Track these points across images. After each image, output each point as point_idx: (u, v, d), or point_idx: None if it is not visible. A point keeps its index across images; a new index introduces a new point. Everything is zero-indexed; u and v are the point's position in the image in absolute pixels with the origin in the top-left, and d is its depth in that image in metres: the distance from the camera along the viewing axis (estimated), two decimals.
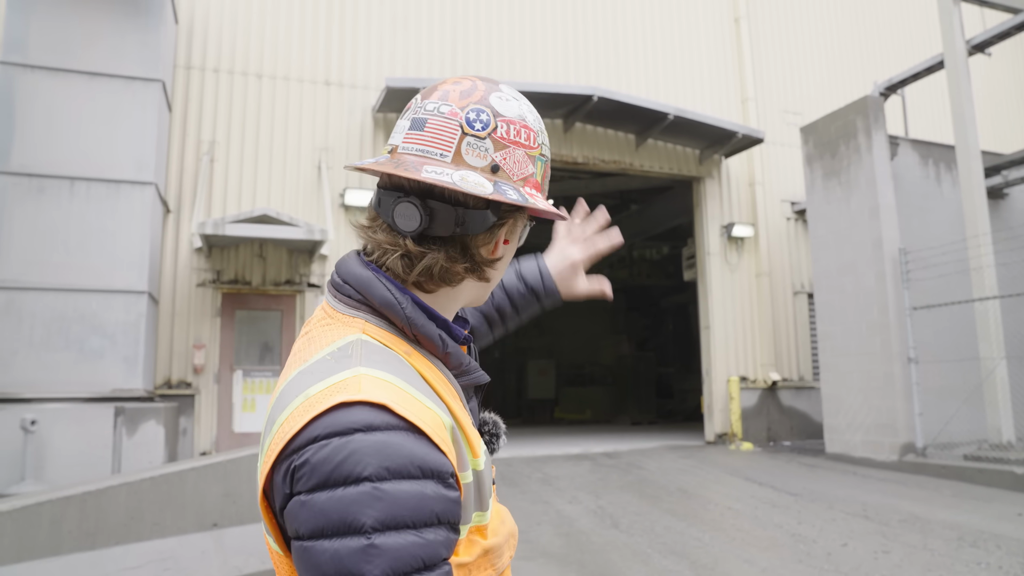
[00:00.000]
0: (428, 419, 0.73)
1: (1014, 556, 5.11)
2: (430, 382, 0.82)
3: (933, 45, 13.17)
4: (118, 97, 8.03)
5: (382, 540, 0.65)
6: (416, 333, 0.85)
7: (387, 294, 0.85)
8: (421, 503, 0.68)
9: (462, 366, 0.89)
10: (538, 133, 0.91)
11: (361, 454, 0.67)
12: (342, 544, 0.66)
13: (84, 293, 7.57)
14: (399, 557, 0.65)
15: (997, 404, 8.37)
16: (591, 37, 12.00)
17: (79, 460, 6.98)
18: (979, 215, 8.71)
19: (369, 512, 0.66)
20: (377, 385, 0.73)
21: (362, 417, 0.70)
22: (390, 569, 0.65)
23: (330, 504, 0.66)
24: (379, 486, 0.67)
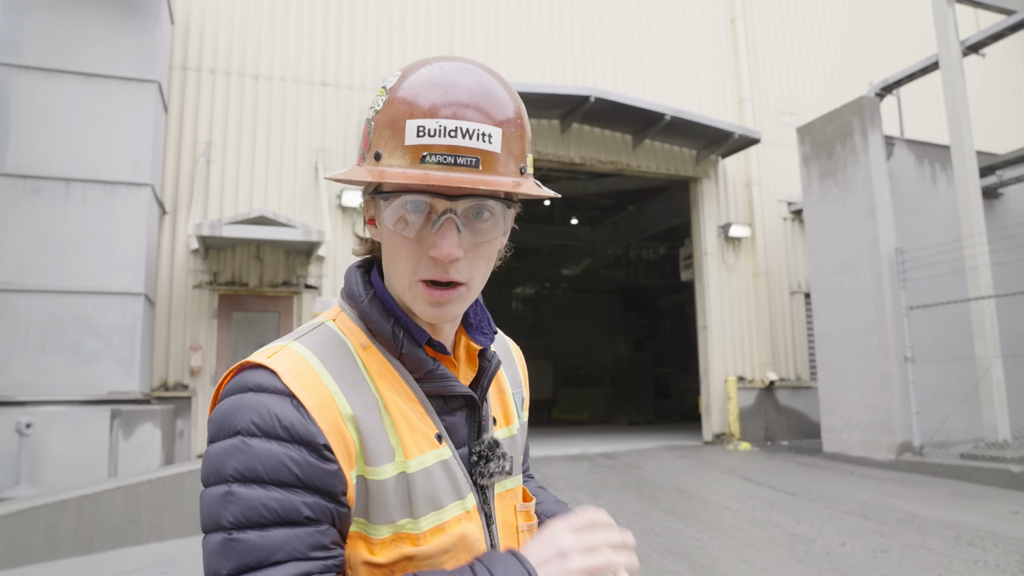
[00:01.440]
0: (318, 397, 0.79)
1: (1011, 554, 5.12)
2: (372, 375, 0.85)
3: (928, 46, 13.21)
4: (114, 98, 8.00)
5: (238, 488, 0.72)
6: (371, 326, 0.88)
7: (353, 285, 0.91)
8: (281, 463, 0.74)
9: (424, 370, 0.88)
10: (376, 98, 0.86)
11: (242, 410, 0.76)
12: (213, 490, 0.74)
13: (80, 295, 7.54)
14: (251, 506, 0.72)
15: (993, 403, 8.40)
16: (588, 38, 12.01)
17: (75, 463, 6.95)
18: (974, 215, 8.73)
19: (232, 462, 0.73)
20: (289, 357, 0.81)
21: (257, 379, 0.79)
22: (242, 516, 0.72)
23: (211, 453, 0.76)
24: (246, 440, 0.74)
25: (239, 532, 0.72)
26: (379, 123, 0.83)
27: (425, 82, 0.81)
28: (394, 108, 0.81)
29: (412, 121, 0.79)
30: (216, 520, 0.73)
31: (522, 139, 0.85)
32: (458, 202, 0.81)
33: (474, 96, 0.81)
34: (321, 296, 9.66)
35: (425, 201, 0.81)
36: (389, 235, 0.85)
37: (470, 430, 0.93)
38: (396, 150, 0.80)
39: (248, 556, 0.71)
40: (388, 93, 0.83)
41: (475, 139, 0.79)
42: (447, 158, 0.79)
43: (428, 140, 0.79)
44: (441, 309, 0.85)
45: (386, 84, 0.84)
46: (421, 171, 0.78)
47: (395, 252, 0.85)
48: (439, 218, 0.81)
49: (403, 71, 0.84)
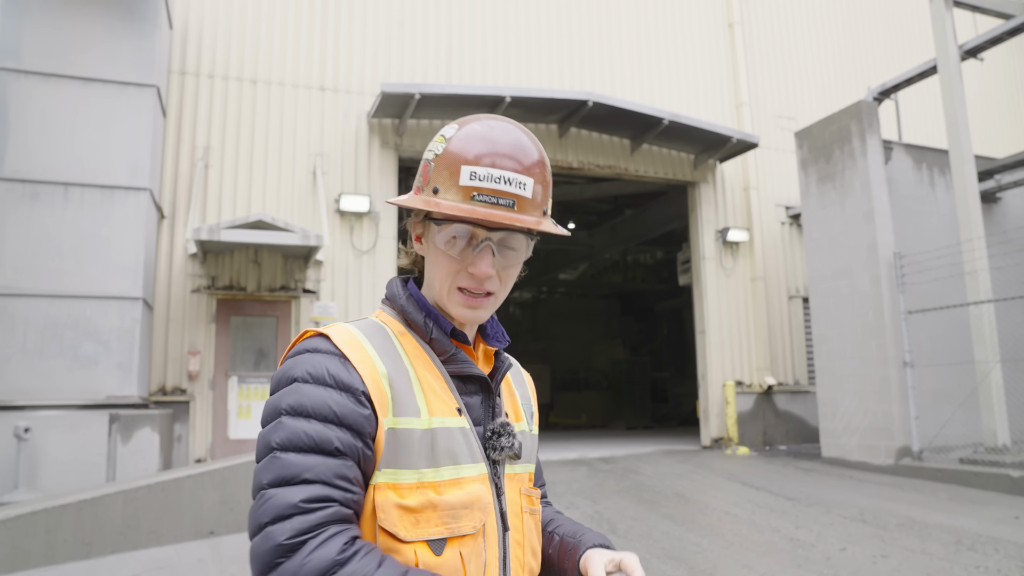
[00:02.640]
0: (360, 356, 0.99)
1: (1012, 559, 5.12)
2: (407, 353, 1.05)
3: (926, 50, 13.24)
4: (112, 102, 7.99)
5: (287, 420, 0.92)
6: (407, 317, 1.10)
7: (394, 289, 1.15)
8: (324, 402, 0.93)
9: (448, 353, 1.08)
10: (436, 144, 1.07)
11: (300, 365, 0.97)
12: (268, 425, 0.94)
13: (78, 299, 7.52)
14: (293, 432, 0.91)
15: (992, 407, 8.40)
16: (586, 42, 12.03)
17: (73, 468, 6.92)
18: (973, 219, 8.75)
19: (286, 400, 0.94)
20: (341, 329, 1.04)
21: (314, 343, 1.01)
22: (285, 440, 0.91)
23: (270, 400, 0.97)
24: (300, 385, 0.95)
25: (281, 452, 0.90)
26: (438, 164, 1.04)
27: (478, 137, 1.04)
28: (452, 154, 1.03)
29: (467, 167, 1.02)
30: (267, 442, 0.92)
31: (546, 188, 1.08)
32: (495, 233, 1.04)
33: (515, 152, 1.04)
34: (319, 300, 9.65)
35: (470, 231, 1.04)
36: (436, 252, 1.07)
37: (485, 413, 1.10)
38: (452, 188, 1.02)
39: (284, 471, 0.89)
40: (447, 142, 1.05)
41: (514, 186, 1.02)
42: (492, 199, 1.01)
43: (478, 184, 1.01)
44: (474, 312, 1.08)
45: (445, 134, 1.06)
46: (470, 206, 1.01)
47: (441, 266, 1.07)
48: (479, 244, 1.04)
49: (459, 123, 1.07)
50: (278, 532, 0.85)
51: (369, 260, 10.02)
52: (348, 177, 10.09)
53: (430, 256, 1.09)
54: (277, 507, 0.86)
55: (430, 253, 1.09)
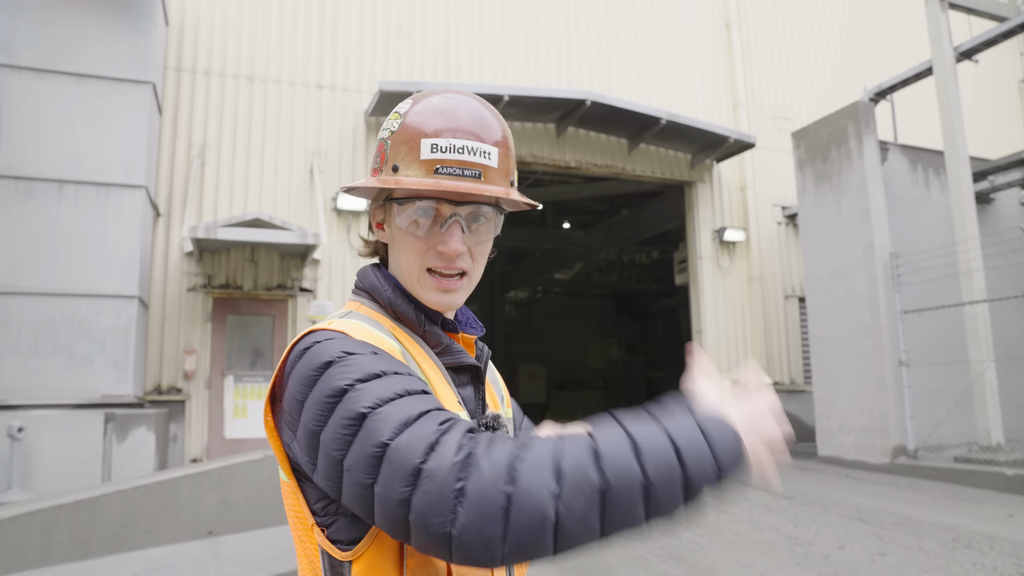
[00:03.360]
0: (373, 338, 0.93)
1: (1008, 557, 5.14)
2: (406, 346, 0.98)
3: (921, 52, 13.29)
4: (108, 99, 7.94)
5: (359, 386, 0.82)
6: (396, 311, 1.03)
7: (373, 279, 1.06)
8: (380, 362, 0.86)
9: (442, 345, 1.03)
10: (391, 121, 1.02)
11: (330, 347, 0.88)
12: (329, 410, 0.82)
13: (73, 298, 7.47)
14: (375, 390, 0.81)
15: (986, 406, 8.43)
16: (584, 42, 12.03)
17: (68, 468, 6.88)
18: (968, 220, 8.79)
19: (340, 377, 0.83)
20: (345, 322, 0.96)
21: (329, 334, 0.92)
22: (375, 398, 0.80)
23: (314, 398, 0.84)
24: (344, 359, 0.85)
25: (378, 408, 0.79)
26: (395, 141, 0.99)
27: (435, 109, 0.99)
28: (409, 129, 0.98)
29: (427, 140, 0.96)
30: (353, 413, 0.79)
31: (510, 158, 1.03)
32: (462, 207, 0.99)
33: (476, 122, 0.99)
34: (316, 299, 9.62)
35: (433, 207, 0.98)
36: (400, 235, 1.01)
37: (476, 404, 1.06)
38: (412, 163, 0.97)
39: (396, 417, 0.78)
40: (402, 117, 1.00)
41: (478, 155, 0.97)
42: (456, 170, 0.96)
43: (441, 155, 0.96)
44: (448, 296, 1.02)
45: (400, 110, 1.01)
46: (434, 180, 0.95)
47: (407, 248, 1.01)
48: (447, 220, 0.98)
49: (414, 99, 1.02)
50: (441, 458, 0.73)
51: (367, 260, 9.96)
52: (346, 175, 10.06)
53: (395, 241, 1.03)
54: (419, 443, 0.74)
55: (395, 238, 1.03)
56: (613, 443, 0.75)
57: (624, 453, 0.74)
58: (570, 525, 0.70)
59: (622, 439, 0.75)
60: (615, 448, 0.74)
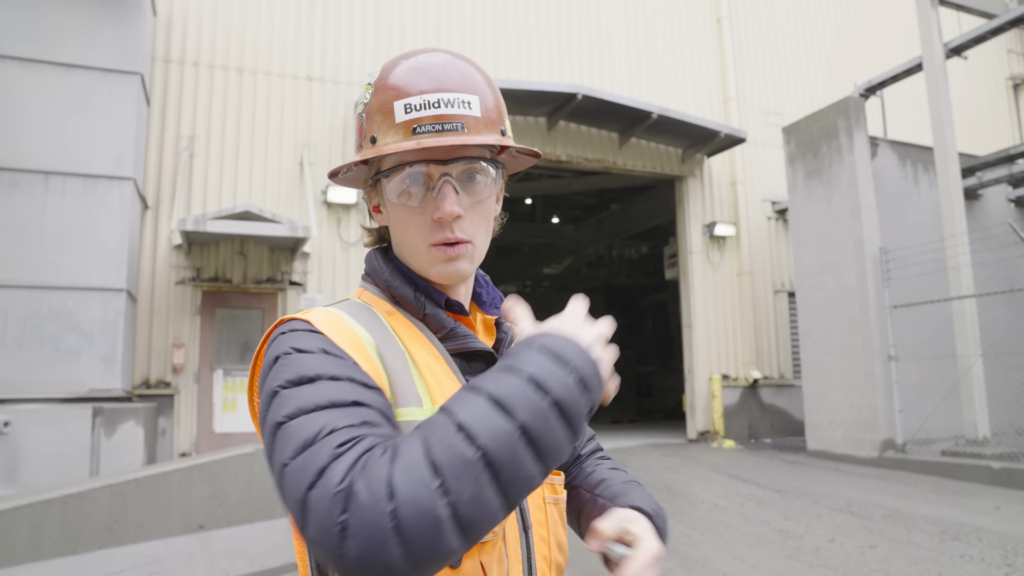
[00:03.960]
0: (350, 338, 0.85)
1: (995, 548, 5.19)
2: (399, 334, 0.91)
3: (911, 48, 13.37)
4: (95, 90, 7.84)
5: (285, 392, 0.76)
6: (394, 294, 0.96)
7: (373, 262, 1.00)
8: (322, 364, 0.79)
9: (446, 329, 0.95)
10: (363, 93, 0.95)
11: (281, 344, 0.82)
12: (265, 411, 0.78)
13: (60, 291, 7.38)
14: (297, 398, 0.75)
15: (973, 400, 8.51)
16: (575, 36, 12.00)
17: (55, 462, 6.81)
18: (956, 215, 8.85)
19: (278, 378, 0.78)
20: (320, 312, 0.89)
21: (291, 326, 0.86)
22: (293, 409, 0.74)
23: (263, 391, 0.80)
24: (286, 358, 0.80)
25: (290, 421, 0.73)
26: (370, 112, 0.93)
27: (405, 70, 0.92)
28: (381, 95, 0.92)
29: (399, 101, 0.90)
30: (272, 423, 0.75)
31: (498, 105, 0.95)
32: (451, 165, 0.91)
33: (448, 73, 0.92)
34: (306, 293, 9.56)
35: (423, 171, 0.91)
36: (396, 210, 0.94)
37: None
38: (389, 130, 0.91)
39: (300, 435, 0.71)
40: (373, 86, 0.94)
41: (457, 107, 0.90)
42: (435, 126, 0.89)
43: (416, 114, 0.89)
44: (453, 264, 0.93)
45: (370, 80, 0.96)
46: (413, 141, 0.88)
47: (404, 224, 0.94)
48: (437, 184, 0.91)
49: (383, 66, 0.96)
50: (324, 488, 0.66)
51: (357, 252, 9.94)
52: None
53: (392, 220, 0.96)
54: (308, 469, 0.68)
55: (391, 216, 0.96)
56: (471, 407, 0.70)
57: (485, 411, 0.69)
58: (468, 511, 0.66)
59: (477, 399, 0.71)
60: (474, 411, 0.70)
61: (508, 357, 0.77)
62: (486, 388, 0.72)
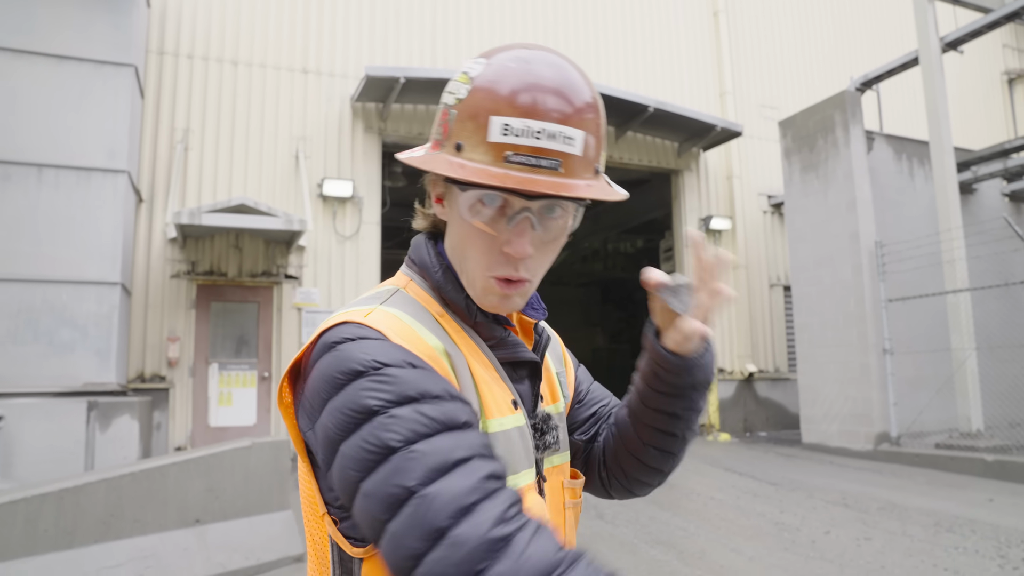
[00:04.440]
0: (426, 351, 0.80)
1: (988, 540, 5.23)
2: (454, 339, 0.86)
3: (907, 42, 13.36)
4: (88, 82, 7.78)
5: (393, 411, 0.73)
6: (445, 296, 0.90)
7: (425, 256, 0.93)
8: (419, 380, 0.76)
9: (496, 338, 0.92)
10: (458, 84, 0.85)
11: (363, 353, 0.76)
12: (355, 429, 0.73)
13: (54, 284, 7.34)
14: (408, 420, 0.72)
15: (967, 394, 8.55)
16: (571, 29, 11.96)
17: (50, 456, 6.78)
18: (952, 210, 8.86)
19: (371, 394, 0.74)
20: (386, 317, 0.82)
21: (363, 332, 0.79)
22: (407, 431, 0.71)
23: (337, 405, 0.75)
24: (379, 372, 0.75)
25: (410, 445, 0.70)
26: (462, 113, 0.82)
27: (510, 75, 0.81)
28: (478, 100, 0.81)
29: (497, 118, 0.79)
30: (380, 445, 0.71)
31: (599, 138, 0.86)
32: (535, 202, 0.83)
33: (559, 94, 0.81)
34: (302, 286, 9.53)
35: (502, 196, 0.82)
36: (462, 223, 0.86)
37: (532, 401, 0.95)
38: (479, 145, 0.81)
39: (429, 461, 0.69)
40: (472, 82, 0.82)
41: (558, 141, 0.80)
42: (530, 159, 0.79)
43: (513, 140, 0.79)
44: (508, 301, 0.88)
45: (469, 71, 0.84)
46: (502, 171, 0.79)
47: (468, 243, 0.87)
48: (515, 216, 0.83)
49: (487, 57, 0.84)
50: (474, 528, 0.66)
51: (352, 246, 9.91)
52: (331, 161, 9.96)
53: (455, 226, 0.89)
54: (451, 502, 0.67)
55: (454, 222, 0.89)
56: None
57: None
58: None
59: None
60: None
61: None
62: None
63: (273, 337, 9.45)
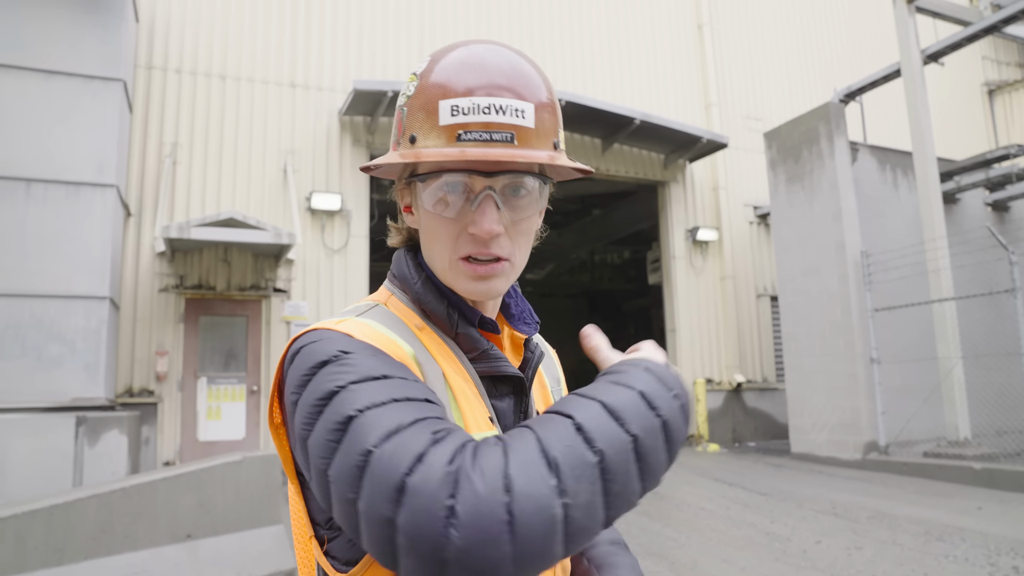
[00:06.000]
0: (397, 353, 0.79)
1: (978, 548, 5.27)
2: (431, 352, 0.85)
3: (889, 54, 13.57)
4: (77, 96, 7.77)
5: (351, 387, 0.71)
6: (425, 308, 0.89)
7: (404, 268, 0.92)
8: (380, 360, 0.75)
9: (478, 350, 0.89)
10: (407, 84, 0.86)
11: (324, 346, 0.76)
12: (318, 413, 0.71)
13: (42, 299, 7.29)
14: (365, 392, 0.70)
15: (954, 402, 8.63)
16: (558, 42, 12.07)
17: (38, 472, 6.71)
18: (936, 219, 8.98)
19: (333, 378, 0.73)
20: (357, 325, 0.81)
21: (329, 334, 0.79)
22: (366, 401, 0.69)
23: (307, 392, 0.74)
24: (340, 359, 0.74)
25: (365, 411, 0.67)
26: (412, 107, 0.85)
27: (455, 64, 0.83)
28: (426, 91, 0.83)
29: (445, 101, 0.81)
30: (340, 416, 0.68)
31: (554, 114, 0.87)
32: (496, 178, 0.83)
33: (505, 74, 0.82)
34: (290, 300, 9.51)
35: (463, 181, 0.83)
36: (428, 217, 0.86)
37: (515, 418, 0.92)
38: (431, 131, 0.82)
39: (383, 423, 0.66)
40: (419, 78, 0.85)
41: (509, 115, 0.81)
42: (483, 135, 0.80)
43: (463, 118, 0.80)
44: (485, 283, 0.86)
45: (416, 70, 0.86)
46: (457, 148, 0.80)
47: (434, 234, 0.86)
48: (478, 196, 0.83)
49: (432, 56, 0.86)
50: (429, 470, 0.61)
51: (340, 259, 9.91)
52: (319, 175, 9.97)
53: (423, 225, 0.88)
54: (405, 453, 0.63)
55: (423, 222, 0.88)
56: (587, 411, 0.67)
57: (602, 417, 0.67)
58: (579, 516, 0.62)
59: (591, 404, 0.68)
60: (592, 415, 0.67)
61: (612, 374, 0.75)
62: (598, 397, 0.70)
63: (262, 351, 9.41)
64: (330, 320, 0.84)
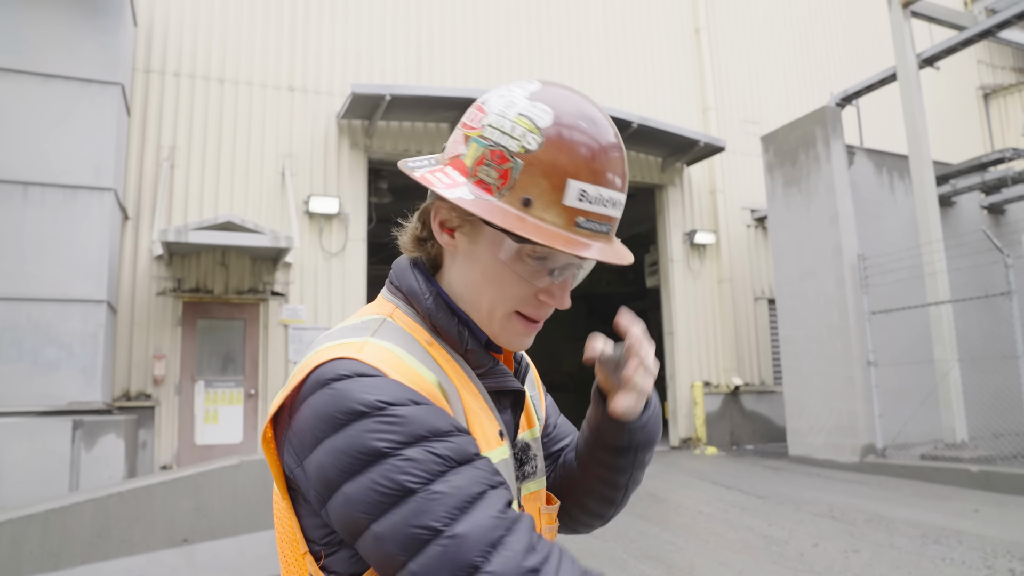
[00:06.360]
0: (426, 388, 0.77)
1: (975, 551, 5.28)
2: (445, 369, 0.84)
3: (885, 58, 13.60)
4: (75, 100, 7.78)
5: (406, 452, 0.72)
6: (436, 324, 0.88)
7: (413, 283, 0.89)
8: (425, 415, 0.74)
9: (486, 367, 0.90)
10: (489, 115, 0.82)
11: (361, 392, 0.74)
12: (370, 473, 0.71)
13: (39, 302, 7.29)
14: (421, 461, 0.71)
15: (951, 405, 8.64)
16: (555, 46, 12.09)
17: (34, 477, 6.70)
18: (932, 223, 9.01)
19: (378, 436, 0.72)
20: (379, 351, 0.78)
21: (357, 368, 0.76)
22: (422, 471, 0.71)
23: (336, 445, 0.73)
24: (385, 411, 0.72)
25: (427, 486, 0.70)
26: (532, 168, 0.79)
27: (582, 135, 0.80)
28: (555, 160, 0.79)
29: (576, 183, 0.79)
30: (397, 487, 0.70)
31: None
32: (584, 260, 0.85)
33: (621, 160, 0.83)
34: (288, 303, 9.51)
35: (566, 264, 0.85)
36: (495, 265, 0.85)
37: (515, 430, 0.95)
38: (552, 206, 0.79)
39: (450, 500, 0.70)
40: (543, 135, 0.79)
41: (616, 208, 0.83)
42: (596, 225, 0.81)
43: (587, 206, 0.80)
44: (528, 339, 0.90)
45: (535, 119, 0.80)
46: (573, 235, 0.79)
47: (495, 282, 0.85)
48: (563, 268, 0.85)
49: (557, 113, 0.81)
50: (507, 562, 0.68)
51: (339, 262, 9.91)
52: (317, 178, 9.97)
53: (479, 264, 0.86)
54: (480, 537, 0.69)
55: (480, 260, 0.86)
56: None
57: None
58: None
59: None
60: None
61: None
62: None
63: (260, 354, 9.41)
64: (348, 343, 0.81)
